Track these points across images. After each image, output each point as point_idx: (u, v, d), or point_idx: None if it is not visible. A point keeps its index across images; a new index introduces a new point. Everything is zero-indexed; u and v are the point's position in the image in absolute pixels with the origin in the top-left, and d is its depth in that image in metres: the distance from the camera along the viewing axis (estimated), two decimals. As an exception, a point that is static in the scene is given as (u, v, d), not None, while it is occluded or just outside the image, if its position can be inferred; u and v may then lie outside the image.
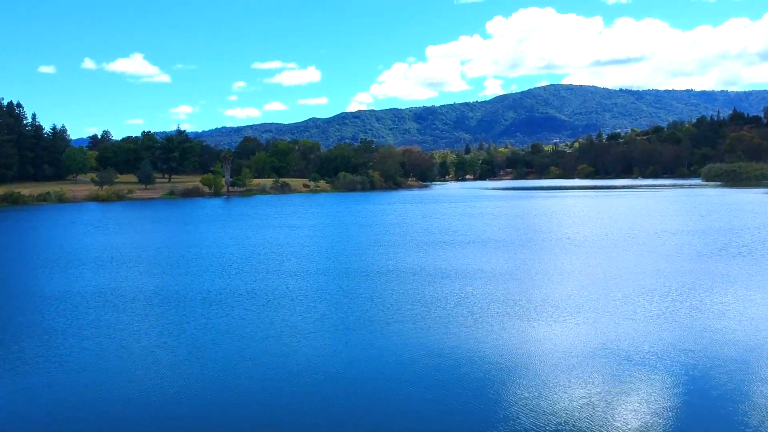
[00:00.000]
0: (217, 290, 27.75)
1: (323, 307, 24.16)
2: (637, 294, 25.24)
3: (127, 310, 24.16)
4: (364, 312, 23.05)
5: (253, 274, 32.12)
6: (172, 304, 25.05)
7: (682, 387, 14.94)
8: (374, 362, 17.33)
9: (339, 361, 17.49)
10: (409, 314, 22.56)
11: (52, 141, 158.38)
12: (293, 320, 22.11)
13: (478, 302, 24.31)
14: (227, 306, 24.55)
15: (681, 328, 20.09)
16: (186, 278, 31.18)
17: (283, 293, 26.92)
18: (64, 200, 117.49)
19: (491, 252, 38.71)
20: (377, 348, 18.61)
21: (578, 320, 21.27)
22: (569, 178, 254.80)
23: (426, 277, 30.29)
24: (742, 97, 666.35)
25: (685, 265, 32.14)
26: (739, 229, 48.39)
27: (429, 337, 19.59)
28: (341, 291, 27.27)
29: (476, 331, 20.19)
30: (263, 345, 19.12)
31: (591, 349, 17.95)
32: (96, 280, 31.14)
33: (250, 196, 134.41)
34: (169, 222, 69.92)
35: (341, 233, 53.55)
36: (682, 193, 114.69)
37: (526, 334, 19.86)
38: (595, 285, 27.45)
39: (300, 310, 23.77)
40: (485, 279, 29.42)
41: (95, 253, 41.32)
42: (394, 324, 21.28)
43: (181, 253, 41.09)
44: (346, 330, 20.64)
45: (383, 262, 35.20)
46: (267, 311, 23.58)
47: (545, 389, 14.92)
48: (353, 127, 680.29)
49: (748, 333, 19.41)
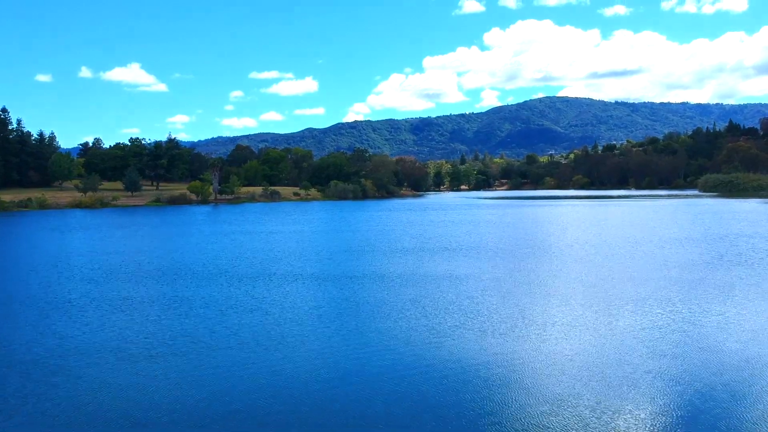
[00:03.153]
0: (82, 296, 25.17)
1: (234, 318, 21.39)
2: (615, 307, 22.52)
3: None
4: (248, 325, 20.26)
5: (161, 280, 29.38)
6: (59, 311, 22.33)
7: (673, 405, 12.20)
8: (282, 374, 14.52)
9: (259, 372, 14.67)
10: (331, 323, 19.82)
11: (38, 147, 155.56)
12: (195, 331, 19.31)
13: (400, 308, 21.55)
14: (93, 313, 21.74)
15: (668, 341, 17.37)
16: (80, 285, 28.33)
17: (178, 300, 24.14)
18: (46, 207, 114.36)
19: (461, 259, 36.02)
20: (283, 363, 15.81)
21: (548, 335, 18.52)
22: (564, 188, 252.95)
23: (362, 282, 27.70)
24: (737, 110, 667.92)
25: (682, 275, 29.49)
26: (739, 236, 45.83)
27: (337, 352, 16.81)
28: (254, 297, 24.50)
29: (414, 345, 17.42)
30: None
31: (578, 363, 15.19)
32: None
33: (239, 204, 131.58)
34: (132, 228, 66.39)
35: (305, 240, 50.62)
36: (680, 203, 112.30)
37: (495, 348, 17.09)
38: (557, 296, 24.73)
39: (202, 320, 20.99)
40: (435, 285, 26.70)
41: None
42: (310, 342, 18.50)
43: (104, 259, 38.01)
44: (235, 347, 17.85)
45: (333, 268, 32.64)
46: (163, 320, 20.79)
47: (527, 405, 12.15)
48: (350, 137, 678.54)
49: (743, 344, 16.71)
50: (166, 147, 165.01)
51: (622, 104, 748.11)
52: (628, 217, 72.36)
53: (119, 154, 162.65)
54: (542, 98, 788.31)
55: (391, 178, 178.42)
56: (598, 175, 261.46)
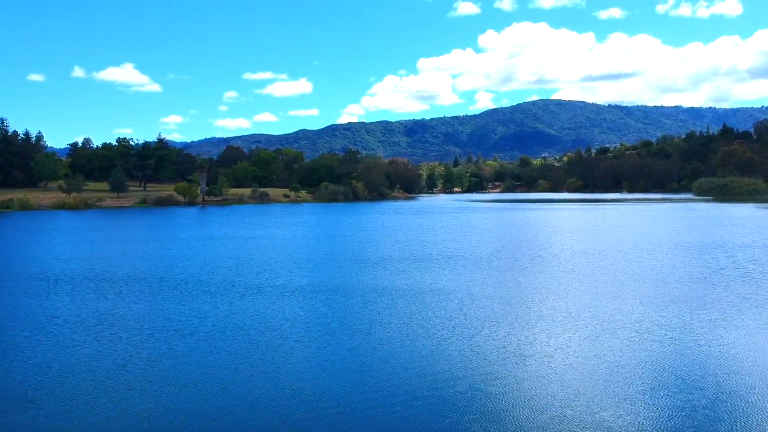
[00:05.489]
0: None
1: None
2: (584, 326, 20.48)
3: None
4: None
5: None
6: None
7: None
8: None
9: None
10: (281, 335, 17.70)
11: (23, 147, 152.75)
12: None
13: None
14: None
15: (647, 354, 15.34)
16: None
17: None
18: (28, 208, 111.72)
19: (438, 270, 33.97)
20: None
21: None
22: (558, 191, 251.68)
23: (324, 297, 25.90)
24: (729, 114, 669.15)
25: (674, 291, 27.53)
26: (740, 246, 43.99)
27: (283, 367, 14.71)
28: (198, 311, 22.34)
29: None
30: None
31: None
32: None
33: (227, 205, 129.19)
34: (106, 231, 63.91)
35: (279, 247, 48.20)
36: (675, 207, 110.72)
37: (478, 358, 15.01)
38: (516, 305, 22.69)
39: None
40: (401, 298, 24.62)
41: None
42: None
43: (57, 267, 35.94)
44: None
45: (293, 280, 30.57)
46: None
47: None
48: (343, 139, 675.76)
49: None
50: (154, 147, 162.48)
51: (615, 107, 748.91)
52: (622, 222, 70.52)
53: (106, 155, 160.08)
54: (536, 101, 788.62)
55: (382, 180, 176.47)
56: (591, 178, 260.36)
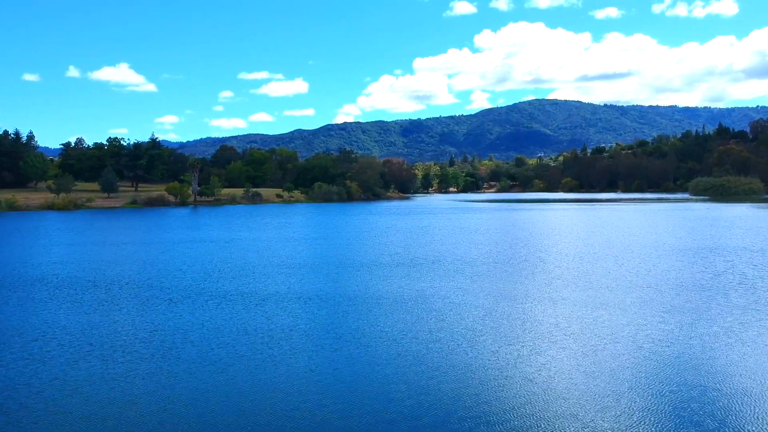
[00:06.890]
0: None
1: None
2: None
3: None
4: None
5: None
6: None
7: None
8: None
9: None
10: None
11: (13, 147, 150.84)
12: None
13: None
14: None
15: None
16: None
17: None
18: (16, 208, 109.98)
19: (420, 276, 32.65)
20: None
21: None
22: (553, 191, 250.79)
23: (293, 305, 24.35)
24: (724, 114, 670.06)
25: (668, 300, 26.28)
26: (740, 249, 42.82)
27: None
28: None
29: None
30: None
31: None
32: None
33: (219, 206, 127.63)
34: (89, 233, 62.30)
35: (258, 250, 46.37)
36: (671, 207, 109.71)
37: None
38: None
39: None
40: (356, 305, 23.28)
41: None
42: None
43: (20, 271, 34.32)
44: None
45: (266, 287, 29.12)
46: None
47: None
48: (339, 139, 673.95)
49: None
50: (145, 147, 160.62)
51: (611, 107, 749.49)
52: (617, 223, 69.33)
53: (96, 154, 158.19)
54: (532, 101, 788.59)
55: (377, 180, 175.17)
56: (587, 177, 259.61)
